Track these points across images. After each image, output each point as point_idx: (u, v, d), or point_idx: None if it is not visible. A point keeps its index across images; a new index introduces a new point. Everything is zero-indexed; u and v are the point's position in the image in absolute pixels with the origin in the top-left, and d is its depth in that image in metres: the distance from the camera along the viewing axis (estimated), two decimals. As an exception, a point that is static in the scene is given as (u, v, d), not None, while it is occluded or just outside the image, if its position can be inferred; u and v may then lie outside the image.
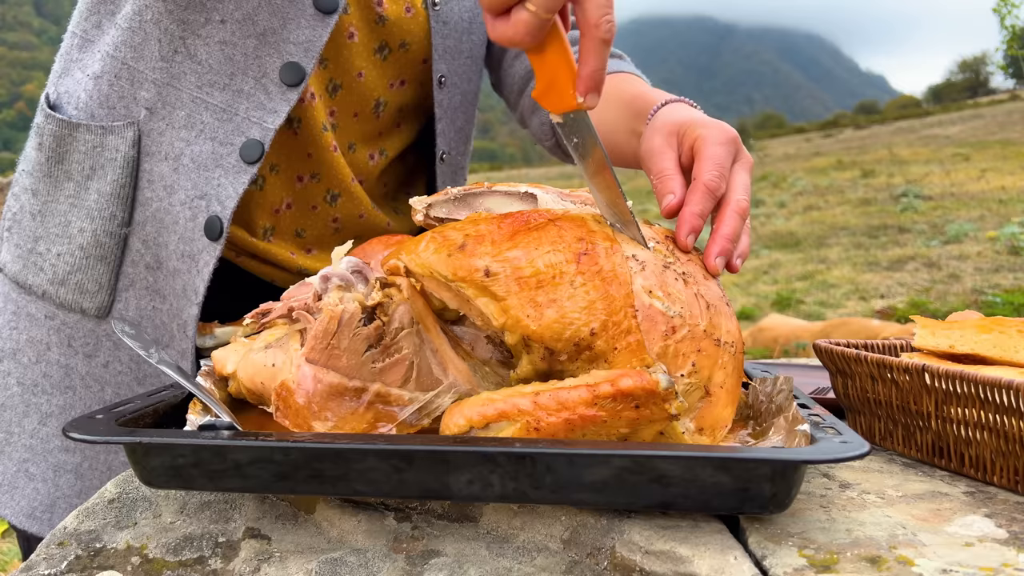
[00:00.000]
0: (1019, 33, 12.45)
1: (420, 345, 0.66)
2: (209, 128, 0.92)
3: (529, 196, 0.73)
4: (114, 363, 0.96)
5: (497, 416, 0.59)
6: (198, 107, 0.93)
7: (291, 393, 0.64)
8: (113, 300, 0.95)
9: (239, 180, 0.91)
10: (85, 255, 0.94)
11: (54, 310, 0.96)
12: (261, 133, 0.92)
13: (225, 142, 0.92)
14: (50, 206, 0.97)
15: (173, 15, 0.92)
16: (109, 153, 0.94)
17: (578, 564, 0.57)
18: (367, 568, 0.57)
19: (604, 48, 0.63)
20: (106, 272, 0.94)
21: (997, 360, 0.75)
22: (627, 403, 0.58)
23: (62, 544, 0.60)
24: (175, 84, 0.93)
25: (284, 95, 0.92)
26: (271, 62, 0.93)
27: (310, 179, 1.01)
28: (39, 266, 0.97)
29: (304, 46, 0.93)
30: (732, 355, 0.67)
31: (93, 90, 0.95)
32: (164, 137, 0.93)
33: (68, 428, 0.59)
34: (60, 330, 0.96)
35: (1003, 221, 9.36)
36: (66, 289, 0.95)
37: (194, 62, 0.93)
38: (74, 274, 0.95)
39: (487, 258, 0.61)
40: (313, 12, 0.93)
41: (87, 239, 0.94)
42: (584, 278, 0.61)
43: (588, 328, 0.60)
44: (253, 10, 0.92)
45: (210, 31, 0.92)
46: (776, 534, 0.57)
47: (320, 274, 0.69)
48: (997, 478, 0.67)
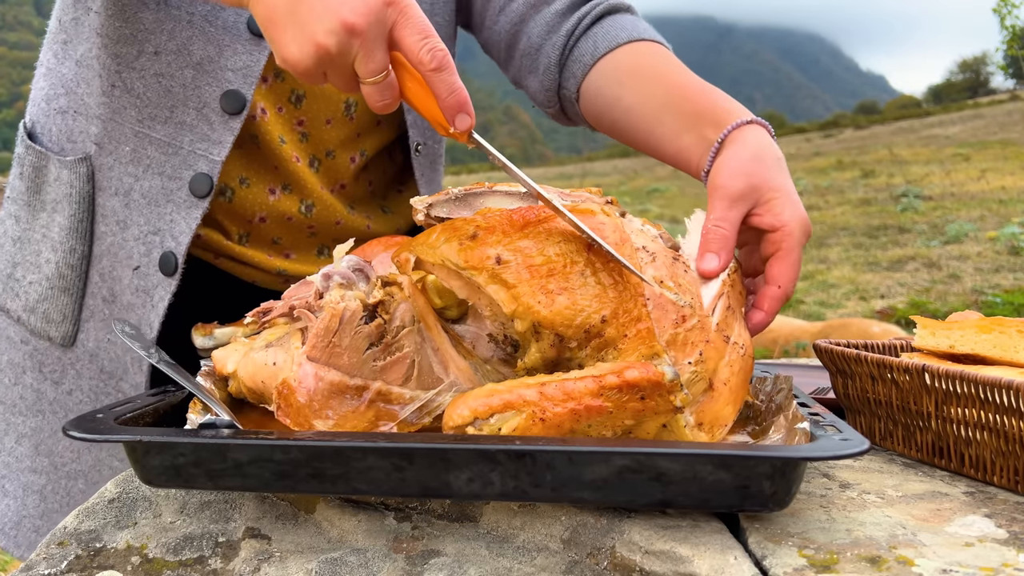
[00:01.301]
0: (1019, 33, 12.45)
1: (421, 343, 0.66)
2: (156, 163, 0.92)
3: (529, 195, 0.73)
4: (76, 391, 0.97)
5: (503, 406, 0.59)
6: (142, 141, 0.92)
7: (292, 391, 0.64)
8: (77, 330, 0.96)
9: (191, 215, 0.91)
10: (51, 285, 0.96)
11: (28, 335, 0.99)
12: (208, 166, 0.91)
13: (173, 176, 0.92)
14: (28, 234, 0.99)
15: (107, 49, 0.92)
16: (65, 188, 0.94)
17: (578, 564, 0.57)
18: (367, 568, 0.57)
19: (440, 75, 0.65)
20: (70, 303, 0.96)
21: (997, 360, 0.75)
22: (633, 394, 0.59)
23: (62, 544, 0.60)
24: (117, 119, 0.93)
25: (227, 124, 0.91)
26: (210, 91, 0.91)
27: (282, 191, 1.00)
28: (15, 292, 0.99)
29: (242, 72, 0.92)
30: (741, 356, 0.67)
31: (62, 124, 0.97)
32: (113, 172, 0.93)
33: (68, 427, 0.59)
34: (33, 355, 0.99)
35: (1003, 221, 9.35)
36: (35, 317, 0.97)
37: (132, 96, 0.92)
38: (42, 303, 0.97)
39: (499, 247, 0.62)
40: (248, 37, 0.92)
41: (52, 270, 0.96)
42: (595, 267, 0.62)
43: (599, 315, 0.61)
44: (187, 40, 0.91)
45: (144, 63, 0.91)
46: (776, 534, 0.57)
47: (322, 272, 0.69)
48: (997, 478, 0.67)
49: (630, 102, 0.94)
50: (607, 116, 0.99)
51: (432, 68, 0.65)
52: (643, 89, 0.94)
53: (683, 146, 0.88)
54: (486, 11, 1.09)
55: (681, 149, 0.89)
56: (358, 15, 0.64)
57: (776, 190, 0.77)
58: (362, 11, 0.64)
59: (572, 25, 1.01)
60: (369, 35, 0.64)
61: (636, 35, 0.98)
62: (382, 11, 0.65)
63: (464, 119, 0.66)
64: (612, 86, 0.97)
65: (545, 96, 1.05)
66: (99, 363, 0.95)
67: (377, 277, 0.68)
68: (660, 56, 0.97)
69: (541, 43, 1.03)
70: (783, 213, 0.76)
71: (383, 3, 0.65)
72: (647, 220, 0.74)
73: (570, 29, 1.01)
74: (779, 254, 0.75)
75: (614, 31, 0.99)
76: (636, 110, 0.94)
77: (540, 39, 1.03)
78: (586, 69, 0.99)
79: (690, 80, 0.92)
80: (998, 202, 10.94)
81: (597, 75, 0.98)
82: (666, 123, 0.91)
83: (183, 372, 0.70)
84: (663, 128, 0.91)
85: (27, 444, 0.99)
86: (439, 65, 0.65)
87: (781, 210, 0.76)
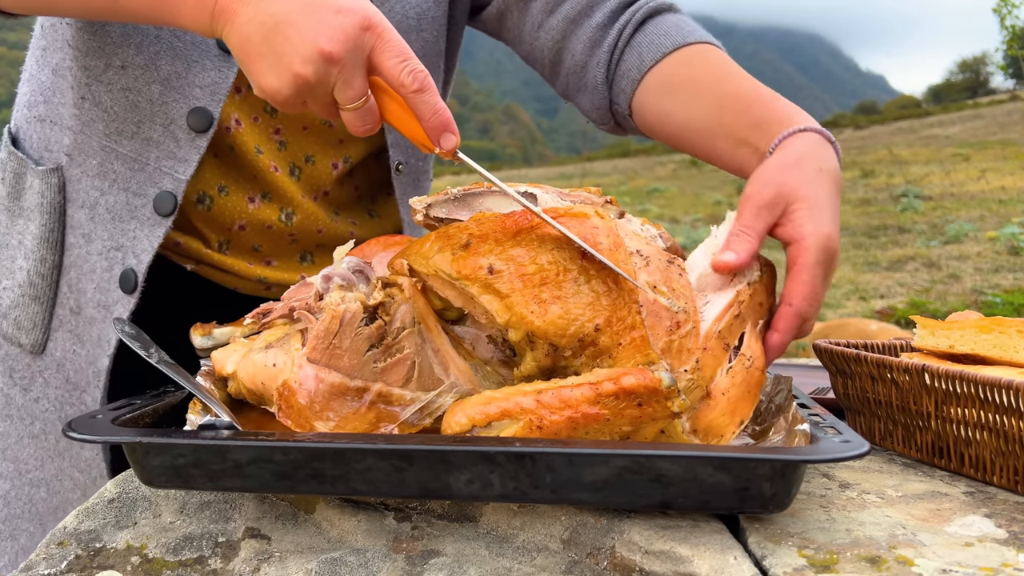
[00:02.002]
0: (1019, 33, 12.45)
1: (422, 345, 0.66)
2: (122, 178, 0.91)
3: (529, 196, 0.73)
4: (43, 399, 0.97)
5: (500, 414, 0.59)
6: (109, 156, 0.91)
7: (293, 393, 0.64)
8: (47, 339, 0.95)
9: (154, 233, 0.89)
10: (22, 292, 0.95)
11: (0, 340, 0.98)
12: (173, 184, 0.89)
13: (139, 193, 0.90)
14: (5, 239, 0.98)
15: (78, 61, 0.91)
16: (37, 197, 0.94)
17: (578, 564, 0.57)
18: (367, 568, 0.57)
19: (422, 96, 0.65)
20: (40, 312, 0.95)
21: (997, 360, 0.75)
22: (630, 401, 0.58)
23: (62, 544, 0.60)
24: (86, 131, 0.92)
25: (194, 142, 0.89)
26: (177, 108, 0.90)
27: (262, 199, 0.98)
28: None
29: (210, 89, 0.90)
30: (746, 368, 0.65)
31: (40, 131, 0.96)
32: (81, 184, 0.92)
33: (68, 428, 0.59)
34: (4, 360, 0.98)
35: (1003, 221, 9.35)
36: (7, 322, 0.97)
37: (100, 109, 0.91)
38: (14, 309, 0.96)
39: (491, 256, 0.62)
40: (217, 53, 0.90)
41: (24, 278, 0.95)
42: (588, 275, 0.61)
43: (592, 324, 0.60)
44: (154, 55, 0.89)
45: (111, 77, 0.90)
46: (776, 534, 0.57)
47: (322, 273, 0.69)
48: (997, 478, 0.67)
49: (683, 116, 0.91)
50: (662, 131, 0.95)
51: (414, 90, 0.65)
52: (696, 102, 0.89)
53: (742, 159, 0.85)
54: (523, 26, 1.04)
55: (740, 162, 0.85)
56: (335, 43, 0.63)
57: (803, 200, 0.72)
58: (339, 38, 0.63)
59: (614, 38, 0.97)
60: (348, 62, 0.64)
61: (681, 40, 0.93)
62: (359, 37, 0.64)
63: (449, 138, 0.66)
64: (663, 101, 0.93)
65: (597, 114, 1.02)
66: (65, 373, 0.95)
67: (377, 278, 0.68)
68: (710, 62, 0.92)
69: (586, 60, 0.99)
70: (804, 226, 0.71)
71: (360, 28, 0.64)
72: (647, 220, 0.74)
73: (612, 42, 0.97)
74: (793, 270, 0.70)
75: (658, 39, 0.94)
76: (691, 124, 0.90)
77: (584, 56, 0.99)
78: (634, 84, 0.95)
79: (745, 87, 0.87)
80: (998, 202, 10.94)
81: (646, 90, 0.95)
82: (722, 135, 0.87)
83: (183, 372, 0.70)
84: (721, 142, 0.87)
85: None
86: (420, 87, 0.65)
87: (803, 223, 0.71)
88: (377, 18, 0.66)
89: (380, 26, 0.65)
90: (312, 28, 0.64)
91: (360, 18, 0.65)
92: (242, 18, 0.67)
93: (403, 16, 0.98)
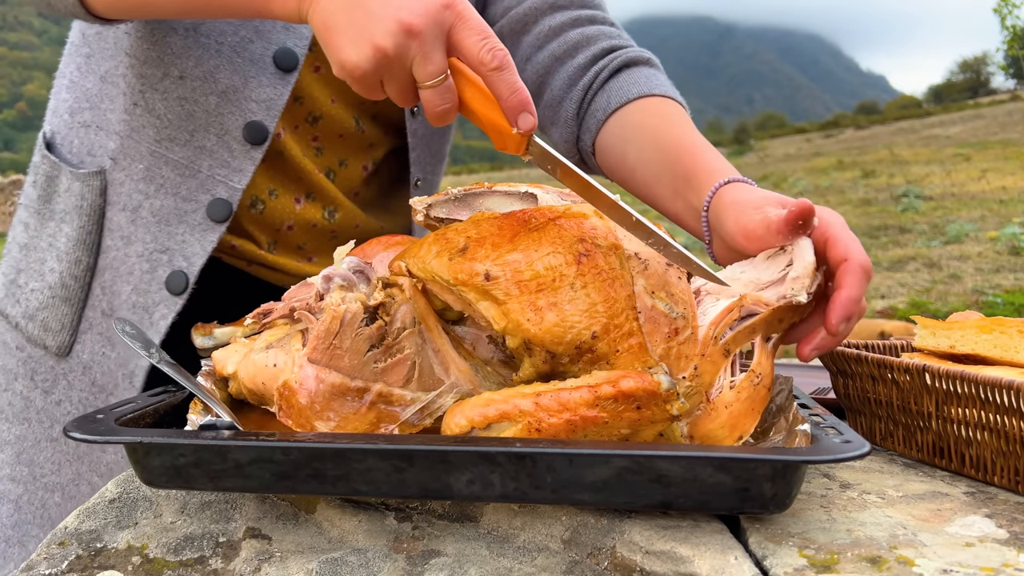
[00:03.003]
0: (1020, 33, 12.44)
1: (422, 345, 0.66)
2: (170, 183, 0.93)
3: (529, 196, 0.73)
4: (65, 402, 0.97)
5: (499, 416, 0.59)
6: (158, 161, 0.93)
7: (294, 393, 0.65)
8: (74, 341, 0.96)
9: (207, 238, 0.92)
10: (52, 294, 0.96)
11: (23, 342, 0.99)
12: (228, 192, 0.93)
13: (189, 198, 0.93)
14: (34, 241, 1.00)
15: (134, 69, 0.94)
16: (76, 199, 0.95)
17: (578, 564, 0.57)
18: (367, 568, 0.57)
19: (501, 75, 0.64)
20: (69, 313, 0.96)
21: (997, 360, 0.75)
22: (628, 404, 0.58)
23: (63, 544, 0.60)
24: (134, 136, 0.94)
25: (248, 154, 0.93)
26: (233, 120, 0.93)
27: (307, 199, 1.04)
28: (16, 298, 1.00)
29: (266, 104, 0.94)
30: (753, 384, 0.64)
31: (84, 137, 0.98)
32: (124, 188, 0.94)
33: (69, 428, 0.59)
34: (27, 362, 0.98)
35: (1004, 221, 9.35)
36: (34, 324, 0.97)
37: (153, 116, 0.94)
38: (42, 311, 0.97)
39: (487, 262, 0.61)
40: (274, 71, 0.94)
41: (55, 279, 0.96)
42: (584, 280, 0.61)
43: (589, 331, 0.60)
44: (214, 68, 0.93)
45: (168, 86, 0.93)
46: (776, 534, 0.57)
47: (322, 274, 0.69)
48: (997, 478, 0.67)
49: (633, 161, 0.94)
50: (617, 173, 0.99)
51: (493, 67, 0.64)
52: (643, 148, 0.93)
53: (677, 211, 0.87)
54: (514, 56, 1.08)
55: (676, 213, 0.88)
56: (416, 15, 0.64)
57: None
58: (420, 11, 0.64)
59: (590, 79, 1.01)
60: (427, 36, 0.64)
61: (647, 90, 0.97)
62: (440, 13, 0.65)
63: (527, 118, 0.65)
64: (619, 143, 0.97)
65: (565, 148, 1.06)
66: (91, 376, 0.95)
67: (378, 279, 0.68)
68: (663, 113, 0.95)
69: (562, 97, 1.04)
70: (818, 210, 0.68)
71: (441, 5, 0.65)
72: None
73: (587, 83, 1.02)
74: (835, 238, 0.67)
75: (627, 86, 0.99)
76: (639, 169, 0.93)
77: (561, 93, 1.04)
78: (599, 124, 1.00)
79: (683, 139, 0.89)
80: (998, 202, 10.93)
81: (608, 131, 0.99)
82: (662, 185, 0.89)
83: (184, 372, 0.70)
84: (660, 190, 0.90)
85: (9, 451, 0.98)
86: (500, 64, 0.64)
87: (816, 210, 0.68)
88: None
89: (460, 5, 0.66)
90: (394, 3, 0.64)
91: None
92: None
93: None
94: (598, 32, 1.05)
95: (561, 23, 1.05)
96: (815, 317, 0.68)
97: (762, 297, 0.65)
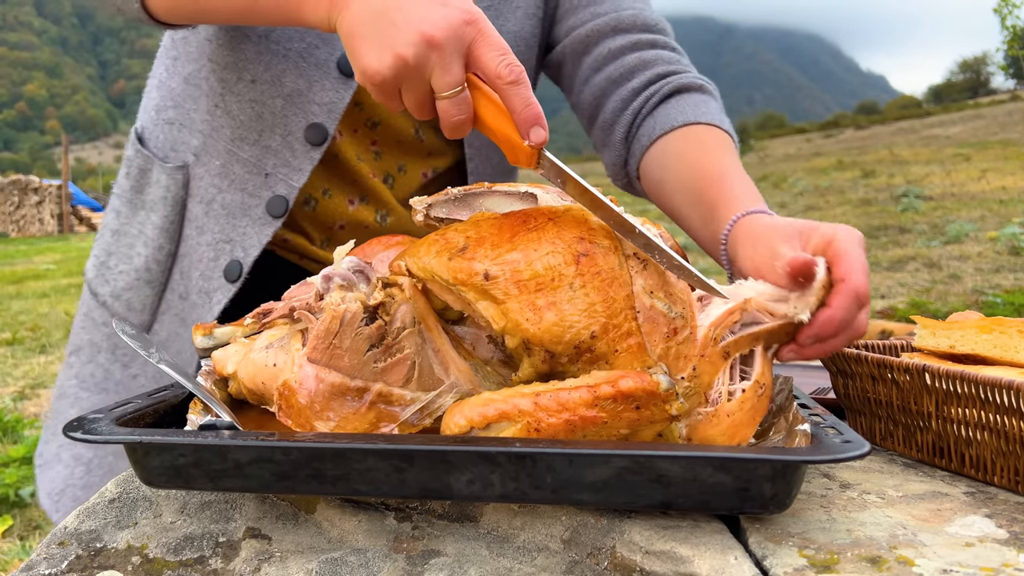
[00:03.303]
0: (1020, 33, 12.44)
1: (422, 345, 0.66)
2: (240, 179, 1.01)
3: (529, 196, 0.73)
4: (141, 376, 1.07)
5: (498, 416, 0.59)
6: (231, 159, 1.02)
7: (293, 393, 0.64)
8: (153, 321, 1.07)
9: (264, 232, 1.00)
10: (137, 277, 1.06)
11: (109, 319, 1.10)
12: (286, 190, 1.00)
13: (254, 194, 1.01)
14: (125, 227, 1.09)
15: (216, 73, 1.02)
16: (162, 191, 1.05)
17: (578, 564, 0.57)
18: (367, 568, 0.57)
19: (517, 88, 0.67)
20: (151, 295, 1.06)
21: (997, 360, 0.75)
22: (628, 404, 0.58)
23: (62, 544, 0.60)
24: (214, 136, 1.03)
25: (308, 154, 1.00)
26: (296, 122, 1.00)
27: (360, 202, 1.08)
28: (105, 278, 1.09)
29: (327, 107, 0.99)
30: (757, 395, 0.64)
31: (168, 133, 1.07)
32: (203, 182, 1.03)
33: (68, 428, 0.59)
34: (110, 337, 1.09)
35: (1004, 221, 9.34)
36: (119, 303, 1.07)
37: (229, 117, 1.02)
38: (127, 292, 1.07)
39: (487, 261, 0.61)
40: (337, 75, 1.00)
41: (141, 263, 1.06)
42: (583, 280, 0.61)
43: (588, 331, 0.60)
44: (281, 72, 0.99)
45: (242, 89, 1.01)
46: (776, 534, 0.57)
47: (322, 274, 0.69)
48: (997, 478, 0.67)
49: (670, 188, 0.98)
50: (656, 198, 1.03)
51: (509, 81, 0.66)
52: (679, 177, 0.97)
53: (704, 240, 0.91)
54: (574, 77, 1.13)
55: (704, 242, 0.91)
56: (438, 28, 0.67)
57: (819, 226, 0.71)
58: (442, 25, 0.67)
59: (640, 104, 1.06)
60: (447, 48, 0.67)
61: (692, 119, 1.00)
62: (461, 28, 0.67)
63: (539, 132, 0.67)
64: (658, 170, 1.01)
65: (613, 170, 1.10)
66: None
67: (377, 278, 0.68)
68: (702, 140, 0.98)
69: (613, 120, 1.08)
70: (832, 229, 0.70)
71: (463, 21, 0.67)
72: (647, 220, 0.73)
73: (638, 108, 1.06)
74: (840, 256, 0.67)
75: (674, 113, 1.02)
76: (675, 197, 0.97)
77: (613, 116, 1.08)
78: (643, 150, 1.04)
79: (715, 168, 0.93)
80: (998, 202, 10.93)
81: (650, 157, 1.03)
82: (694, 214, 0.93)
83: (184, 372, 0.70)
84: (692, 219, 0.94)
85: None
86: (516, 79, 0.66)
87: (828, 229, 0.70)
88: (480, 15, 0.69)
89: (482, 22, 0.68)
90: (418, 14, 0.67)
91: (464, 12, 0.68)
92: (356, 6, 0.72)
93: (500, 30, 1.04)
94: (655, 57, 1.08)
95: (621, 46, 1.08)
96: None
97: (767, 305, 0.66)
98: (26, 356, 5.93)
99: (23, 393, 4.90)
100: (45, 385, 5.08)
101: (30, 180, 20.69)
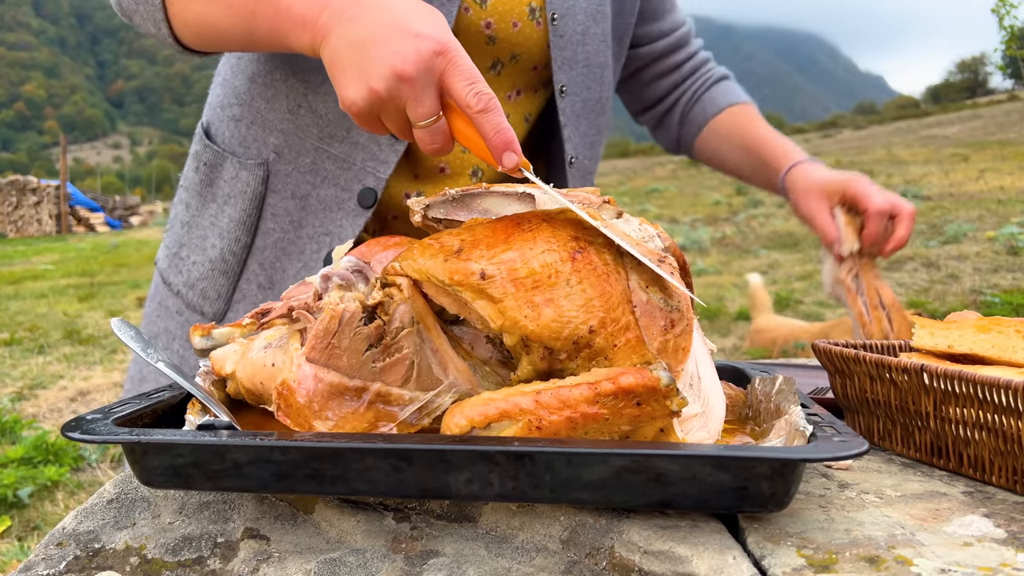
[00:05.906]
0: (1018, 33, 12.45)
1: (420, 344, 0.66)
2: (332, 175, 1.06)
3: (527, 196, 0.73)
4: None
5: (499, 415, 0.59)
6: (321, 156, 1.05)
7: (292, 392, 0.64)
8: (227, 309, 1.10)
9: (356, 223, 1.05)
10: (212, 267, 1.10)
11: (183, 307, 1.13)
12: (375, 182, 1.04)
13: (346, 188, 1.05)
14: (196, 220, 1.13)
15: (297, 76, 1.06)
16: (242, 185, 1.08)
17: (577, 564, 0.57)
18: (366, 568, 0.57)
19: (486, 116, 0.70)
20: (226, 285, 1.10)
21: (995, 360, 0.76)
22: (629, 400, 0.58)
23: (60, 544, 0.60)
24: (299, 134, 1.06)
25: (393, 147, 1.04)
26: None
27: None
28: (178, 268, 1.14)
29: None
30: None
31: (235, 130, 1.10)
32: (291, 179, 1.07)
33: (66, 429, 0.59)
34: (184, 326, 1.12)
35: (1002, 221, 9.36)
36: (194, 292, 1.12)
37: (315, 116, 1.05)
38: (201, 281, 1.11)
39: (483, 261, 0.61)
40: None
41: (216, 254, 1.10)
42: (580, 276, 0.61)
43: (587, 326, 0.60)
44: None
45: (328, 90, 1.04)
46: (775, 534, 0.57)
47: (321, 273, 0.69)
48: (996, 478, 0.67)
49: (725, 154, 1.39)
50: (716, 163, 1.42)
51: (478, 110, 0.69)
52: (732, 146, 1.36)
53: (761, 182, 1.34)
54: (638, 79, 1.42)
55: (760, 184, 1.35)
56: (408, 63, 0.70)
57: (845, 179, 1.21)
58: (412, 59, 0.70)
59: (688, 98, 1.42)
60: (419, 81, 0.70)
61: (733, 100, 1.38)
62: (432, 60, 0.70)
63: (510, 157, 0.70)
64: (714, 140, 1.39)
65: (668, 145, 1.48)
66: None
67: (376, 278, 0.68)
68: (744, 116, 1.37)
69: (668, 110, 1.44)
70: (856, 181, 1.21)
71: (432, 52, 0.70)
72: (645, 220, 0.73)
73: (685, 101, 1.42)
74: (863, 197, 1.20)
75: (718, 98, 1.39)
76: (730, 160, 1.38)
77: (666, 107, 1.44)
78: (699, 129, 1.41)
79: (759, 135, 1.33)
80: (996, 202, 10.94)
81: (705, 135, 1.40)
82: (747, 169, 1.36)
83: (182, 372, 0.70)
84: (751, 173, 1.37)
85: None
86: (484, 107, 0.69)
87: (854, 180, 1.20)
88: (451, 44, 0.72)
89: (452, 52, 0.72)
90: (390, 49, 0.71)
91: (435, 43, 0.71)
92: (334, 36, 0.76)
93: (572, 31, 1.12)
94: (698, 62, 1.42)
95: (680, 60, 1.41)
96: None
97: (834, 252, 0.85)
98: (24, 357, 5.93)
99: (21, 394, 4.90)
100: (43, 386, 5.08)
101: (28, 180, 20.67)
